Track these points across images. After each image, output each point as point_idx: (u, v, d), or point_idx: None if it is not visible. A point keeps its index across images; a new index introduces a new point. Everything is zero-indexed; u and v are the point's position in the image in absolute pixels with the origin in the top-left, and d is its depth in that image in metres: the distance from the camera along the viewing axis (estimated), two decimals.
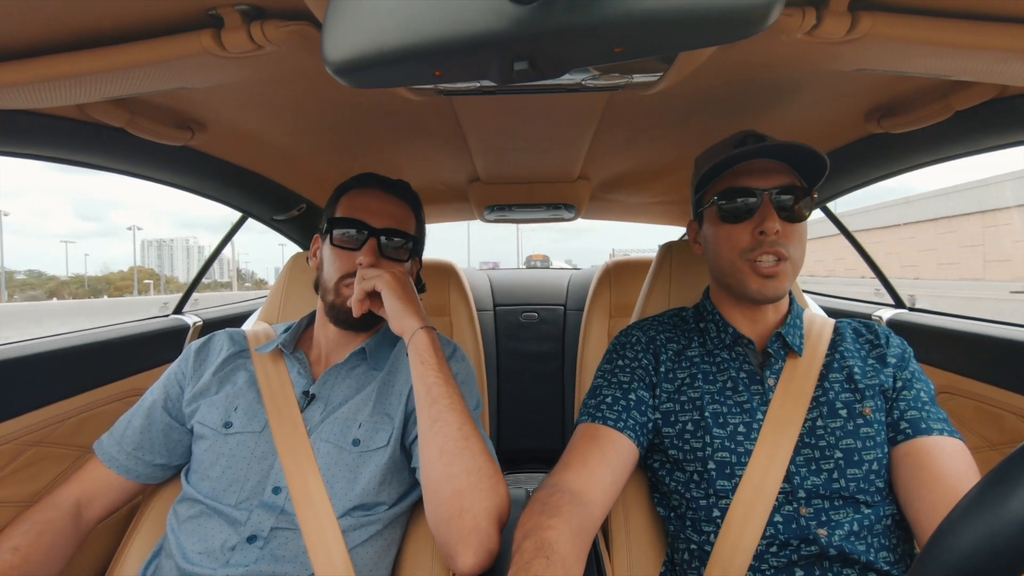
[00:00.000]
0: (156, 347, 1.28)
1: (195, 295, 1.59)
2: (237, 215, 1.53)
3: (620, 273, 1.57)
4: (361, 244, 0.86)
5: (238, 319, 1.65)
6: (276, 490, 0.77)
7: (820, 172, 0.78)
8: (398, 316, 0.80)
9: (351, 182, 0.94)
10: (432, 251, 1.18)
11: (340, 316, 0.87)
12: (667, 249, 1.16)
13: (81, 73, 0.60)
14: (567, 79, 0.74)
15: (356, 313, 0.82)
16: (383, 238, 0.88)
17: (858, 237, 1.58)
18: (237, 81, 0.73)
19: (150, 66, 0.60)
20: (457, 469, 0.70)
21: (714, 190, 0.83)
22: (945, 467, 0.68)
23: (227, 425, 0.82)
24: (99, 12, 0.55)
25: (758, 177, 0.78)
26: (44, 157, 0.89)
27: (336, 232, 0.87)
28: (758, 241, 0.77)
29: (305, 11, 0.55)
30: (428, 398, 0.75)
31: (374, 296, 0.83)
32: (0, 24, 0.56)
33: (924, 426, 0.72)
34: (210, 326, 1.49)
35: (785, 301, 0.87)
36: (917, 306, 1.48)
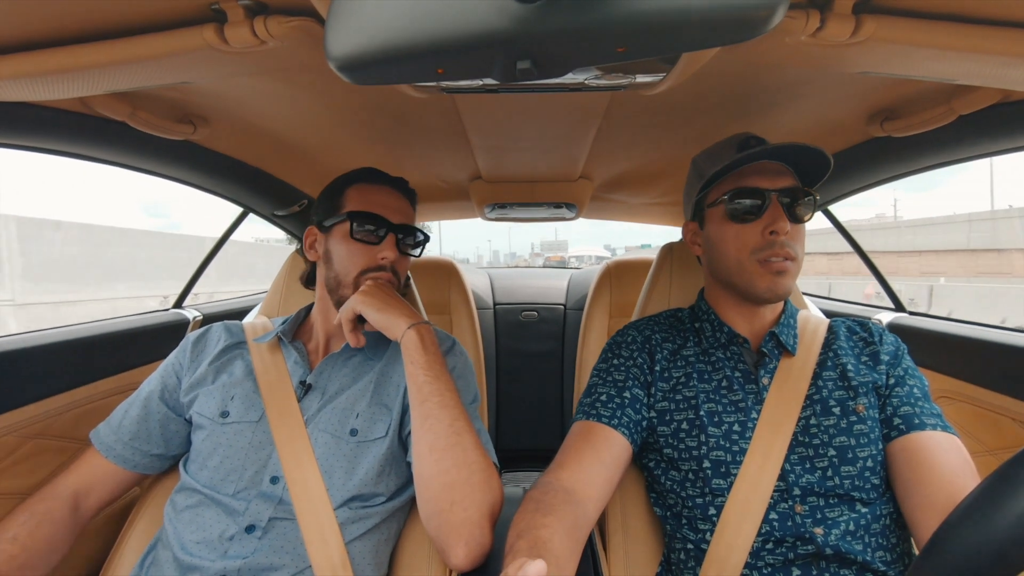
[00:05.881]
0: (156, 341, 1.28)
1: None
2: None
3: (621, 273, 1.57)
4: (381, 239, 0.87)
5: (238, 314, 1.65)
6: (274, 480, 0.77)
7: (821, 174, 0.80)
8: (385, 327, 0.81)
9: (355, 175, 0.94)
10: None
11: None
12: (668, 250, 1.16)
13: (84, 66, 0.59)
14: (570, 78, 0.74)
15: (355, 345, 0.83)
16: (400, 235, 0.89)
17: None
18: (239, 76, 0.73)
19: (152, 60, 0.60)
20: (448, 464, 0.70)
21: (720, 190, 0.83)
22: (939, 462, 0.68)
23: (224, 415, 0.82)
24: (102, 5, 0.55)
25: (765, 178, 0.79)
26: (45, 150, 0.89)
27: (356, 226, 0.87)
28: (768, 241, 0.78)
29: (309, 7, 0.55)
30: (419, 396, 0.76)
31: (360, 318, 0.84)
32: (3, 16, 0.56)
33: (917, 421, 0.73)
34: (210, 320, 1.49)
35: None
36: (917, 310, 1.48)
